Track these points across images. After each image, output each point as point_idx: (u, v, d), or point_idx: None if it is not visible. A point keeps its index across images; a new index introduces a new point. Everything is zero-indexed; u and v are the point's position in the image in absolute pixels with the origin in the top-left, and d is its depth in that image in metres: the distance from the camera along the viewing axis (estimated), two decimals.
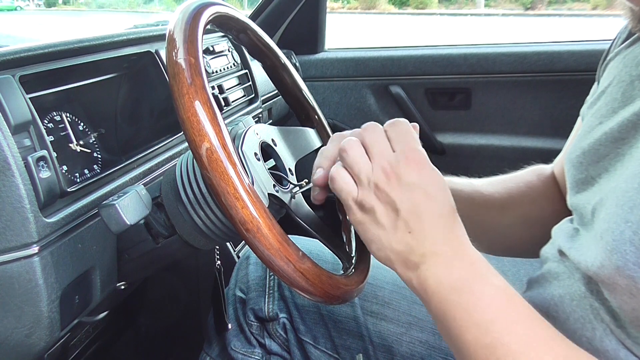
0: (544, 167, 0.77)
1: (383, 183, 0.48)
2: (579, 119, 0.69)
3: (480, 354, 0.44)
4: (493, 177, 0.75)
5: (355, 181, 0.50)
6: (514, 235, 0.74)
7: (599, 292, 0.49)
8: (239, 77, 1.16)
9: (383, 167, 0.48)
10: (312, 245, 0.76)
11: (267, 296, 0.78)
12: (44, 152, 0.59)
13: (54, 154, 0.61)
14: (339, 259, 0.62)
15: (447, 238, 0.47)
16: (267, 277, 0.79)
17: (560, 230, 0.59)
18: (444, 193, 0.48)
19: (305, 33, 1.69)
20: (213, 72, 1.05)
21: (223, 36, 1.16)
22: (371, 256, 0.66)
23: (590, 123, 0.58)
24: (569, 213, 0.67)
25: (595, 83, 0.66)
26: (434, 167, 0.49)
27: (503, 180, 0.75)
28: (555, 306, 0.53)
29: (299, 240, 0.76)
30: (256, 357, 0.78)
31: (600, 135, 0.54)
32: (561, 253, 0.57)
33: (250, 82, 1.19)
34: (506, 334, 0.43)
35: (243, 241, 0.92)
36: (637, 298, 0.43)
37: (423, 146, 0.51)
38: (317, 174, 0.56)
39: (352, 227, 0.68)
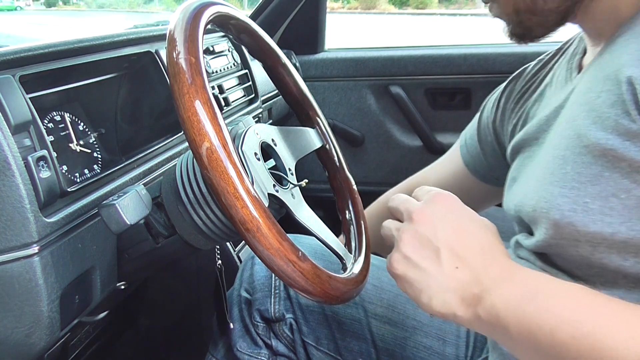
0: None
1: (413, 225, 0.49)
2: None
3: (582, 345, 0.41)
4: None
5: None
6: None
7: (555, 259, 0.53)
8: (239, 77, 1.16)
9: (410, 213, 0.50)
10: (312, 245, 0.76)
11: (273, 296, 0.78)
12: (44, 152, 0.59)
13: (54, 154, 0.61)
14: (339, 259, 0.61)
15: (498, 265, 0.47)
16: (273, 278, 0.79)
17: (508, 243, 0.63)
18: (481, 224, 0.50)
19: (305, 33, 1.69)
20: (213, 72, 1.05)
21: (223, 36, 1.16)
22: (371, 256, 0.66)
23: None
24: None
25: None
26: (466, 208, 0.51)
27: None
28: None
29: (299, 240, 0.76)
30: (262, 358, 0.77)
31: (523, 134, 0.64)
32: (518, 246, 0.60)
33: (250, 82, 1.19)
34: (597, 320, 0.41)
35: (243, 241, 0.92)
36: (582, 242, 0.47)
37: (423, 146, 0.52)
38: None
39: (352, 227, 0.68)
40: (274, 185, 0.57)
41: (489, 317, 0.44)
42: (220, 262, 0.84)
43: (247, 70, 1.19)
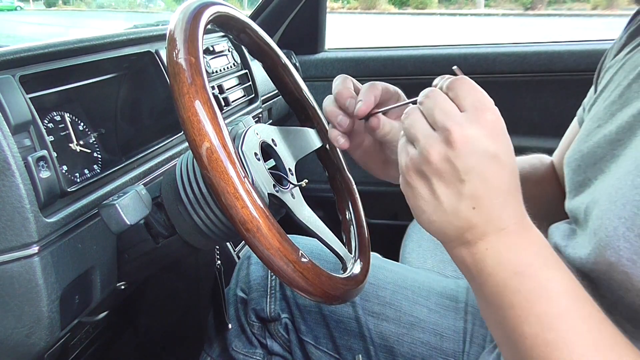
0: (544, 156, 0.78)
1: (449, 149, 0.40)
2: (575, 120, 0.71)
3: (538, 350, 0.39)
4: None
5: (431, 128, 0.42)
6: None
7: (594, 288, 0.48)
8: (239, 77, 1.16)
9: (450, 129, 0.40)
10: (312, 245, 0.76)
11: (268, 296, 0.78)
12: (44, 152, 0.59)
13: (54, 154, 0.61)
14: (339, 259, 0.62)
15: (514, 214, 0.41)
16: (269, 277, 0.79)
17: (557, 229, 0.59)
18: (515, 163, 0.42)
19: (305, 33, 1.69)
20: (213, 72, 1.05)
21: (223, 36, 1.16)
22: (371, 256, 0.66)
23: (589, 126, 0.58)
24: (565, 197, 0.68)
25: (593, 87, 0.68)
26: (507, 133, 0.42)
27: None
28: None
29: (299, 240, 0.76)
30: (257, 357, 0.78)
31: (599, 138, 0.54)
32: (556, 250, 0.57)
33: (250, 82, 1.19)
34: (573, 332, 0.39)
35: (243, 241, 0.92)
36: (632, 293, 0.43)
37: None
38: (358, 105, 0.53)
39: (352, 227, 0.68)
40: (274, 185, 0.57)
41: (473, 266, 0.42)
42: (219, 262, 0.84)
43: (247, 70, 1.19)
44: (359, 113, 0.55)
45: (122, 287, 0.72)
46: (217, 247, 0.85)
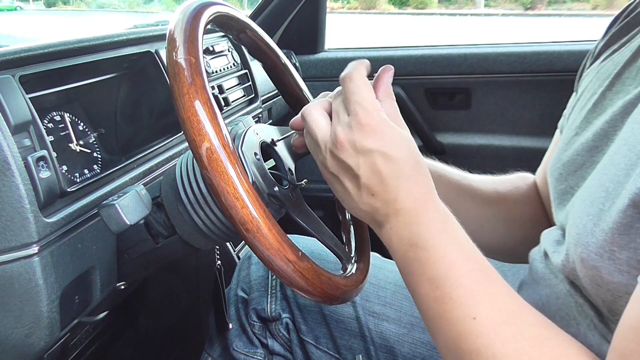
0: (529, 175, 0.80)
1: (338, 151, 0.48)
2: (557, 131, 0.72)
3: (431, 307, 0.46)
4: (483, 175, 0.77)
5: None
6: (493, 230, 0.76)
7: (582, 288, 0.50)
8: (239, 77, 1.16)
9: (337, 134, 0.48)
10: (312, 245, 0.76)
11: (269, 296, 0.78)
12: (44, 152, 0.59)
13: (54, 154, 0.61)
14: (339, 259, 0.61)
15: (409, 195, 0.48)
16: (269, 277, 0.79)
17: (548, 235, 0.61)
18: (405, 150, 0.48)
19: (305, 33, 1.69)
20: (213, 72, 1.05)
21: (223, 36, 1.16)
22: (371, 256, 0.66)
23: (568, 135, 0.60)
24: (548, 218, 0.69)
25: (574, 93, 0.69)
26: (390, 124, 0.48)
27: (492, 179, 0.77)
28: (542, 306, 0.54)
29: (299, 240, 0.76)
30: (258, 357, 0.77)
31: (577, 146, 0.57)
32: (546, 255, 0.59)
33: (250, 82, 1.19)
34: (454, 287, 0.44)
35: (243, 241, 0.92)
36: (603, 289, 0.44)
37: (423, 146, 0.50)
38: (294, 118, 0.57)
39: (352, 227, 0.68)
40: (274, 185, 0.57)
41: (386, 243, 0.49)
42: (219, 262, 0.84)
43: (247, 70, 1.19)
44: (292, 125, 0.59)
45: (122, 287, 0.72)
46: (217, 247, 0.85)
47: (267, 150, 0.62)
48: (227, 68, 1.11)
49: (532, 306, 0.50)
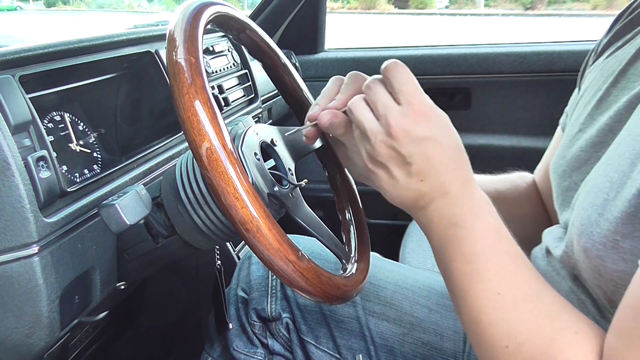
0: (527, 174, 0.80)
1: (392, 140, 0.48)
2: (558, 129, 0.72)
3: (460, 280, 0.49)
4: (483, 175, 0.77)
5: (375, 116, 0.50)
6: None
7: (584, 286, 0.51)
8: (239, 77, 1.16)
9: (390, 124, 0.48)
10: (312, 245, 0.76)
11: (269, 296, 0.78)
12: (44, 152, 0.59)
13: (54, 154, 0.61)
14: (339, 259, 0.61)
15: (455, 179, 0.50)
16: (270, 277, 0.79)
17: (550, 233, 0.62)
18: (452, 136, 0.50)
19: (305, 33, 1.69)
20: (213, 72, 1.05)
21: (223, 36, 1.16)
22: (371, 256, 0.66)
23: (571, 132, 0.61)
24: (548, 217, 0.69)
25: (576, 89, 0.69)
26: (439, 111, 0.50)
27: (491, 178, 0.77)
28: None
29: (299, 240, 0.76)
30: (258, 357, 0.77)
31: (582, 142, 0.57)
32: (548, 252, 0.60)
33: (250, 82, 1.19)
34: (483, 264, 0.47)
35: (243, 241, 0.92)
36: (605, 279, 0.46)
37: None
38: (314, 109, 0.57)
39: (352, 227, 0.68)
40: (274, 185, 0.57)
41: (425, 223, 0.52)
42: (219, 262, 0.84)
43: (247, 70, 1.19)
44: (310, 118, 0.58)
45: (122, 287, 0.72)
46: (217, 247, 0.85)
47: (267, 150, 0.62)
48: (227, 68, 1.11)
49: None
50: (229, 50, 1.15)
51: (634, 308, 0.39)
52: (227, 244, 1.12)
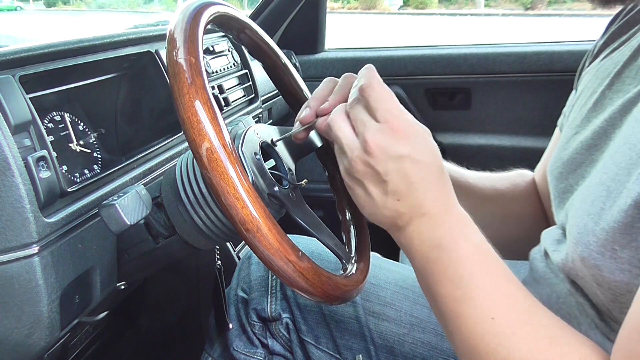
0: (527, 172, 0.80)
1: (368, 157, 0.48)
2: (557, 129, 0.72)
3: (450, 306, 0.47)
4: (481, 172, 0.76)
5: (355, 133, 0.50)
6: (491, 228, 0.76)
7: (582, 289, 0.51)
8: (239, 77, 1.16)
9: (367, 140, 0.47)
10: (312, 245, 0.76)
11: (269, 296, 0.78)
12: (44, 152, 0.59)
13: (54, 154, 0.61)
14: (339, 259, 0.61)
15: (435, 200, 0.48)
16: (270, 277, 0.79)
17: (548, 234, 0.61)
18: (431, 155, 0.49)
19: (305, 33, 1.69)
20: (213, 72, 1.05)
21: (223, 36, 1.16)
22: (371, 256, 0.66)
23: (568, 134, 0.61)
24: (546, 216, 0.69)
25: (573, 91, 0.69)
26: (419, 128, 0.49)
27: (489, 176, 0.77)
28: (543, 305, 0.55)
29: (299, 240, 0.76)
30: (258, 357, 0.77)
31: (577, 145, 0.57)
32: (546, 255, 0.59)
33: (250, 82, 1.19)
34: (474, 288, 0.46)
35: (243, 241, 0.92)
36: (603, 287, 0.45)
37: None
38: (304, 112, 0.57)
39: (352, 227, 0.68)
40: (274, 185, 0.57)
41: (405, 245, 0.50)
42: (219, 262, 0.84)
43: (247, 70, 1.19)
44: (301, 121, 0.58)
45: (122, 287, 0.72)
46: (217, 247, 0.85)
47: (267, 150, 0.62)
48: (227, 68, 1.11)
49: None
50: (229, 50, 1.15)
51: (639, 330, 0.38)
52: (227, 244, 1.12)
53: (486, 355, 0.44)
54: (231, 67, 1.13)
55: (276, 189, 0.57)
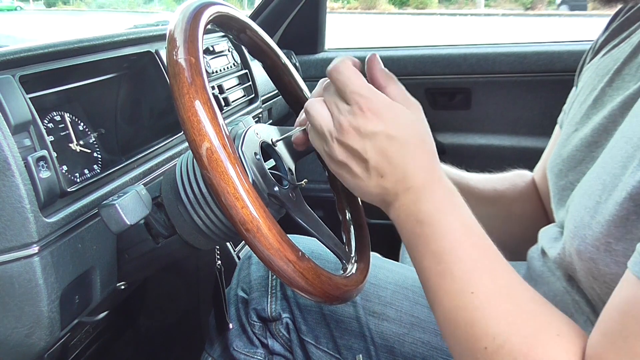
0: (526, 172, 0.80)
1: (344, 138, 0.49)
2: (557, 127, 0.72)
3: (432, 280, 0.48)
4: (481, 174, 0.76)
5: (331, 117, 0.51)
6: (492, 229, 0.76)
7: (579, 287, 0.51)
8: (239, 77, 1.16)
9: (341, 122, 0.49)
10: (312, 245, 0.76)
11: (269, 296, 0.78)
12: (44, 152, 0.59)
13: (54, 154, 0.61)
14: (339, 259, 0.61)
15: (417, 174, 0.49)
16: (270, 277, 0.79)
17: (545, 233, 0.62)
18: (408, 129, 0.49)
19: (305, 33, 1.69)
20: (213, 72, 1.05)
21: (223, 36, 1.16)
22: (371, 256, 0.66)
23: (568, 131, 0.61)
24: (547, 215, 0.69)
25: (574, 88, 0.69)
26: (392, 105, 0.49)
27: (489, 178, 0.77)
28: None
29: (299, 240, 0.76)
30: (258, 357, 0.77)
31: (577, 142, 0.57)
32: (543, 253, 0.60)
33: (250, 82, 1.19)
34: (455, 262, 0.46)
35: (243, 241, 0.92)
36: (599, 280, 0.45)
37: None
38: (303, 115, 0.58)
39: (352, 227, 0.68)
40: (274, 185, 0.57)
41: (394, 220, 0.51)
42: (219, 262, 0.84)
43: (247, 70, 1.19)
44: (300, 123, 0.60)
45: (122, 287, 0.72)
46: (217, 247, 0.85)
47: (267, 150, 0.62)
48: (227, 68, 1.11)
49: None
50: (229, 50, 1.15)
51: (620, 310, 0.39)
52: (227, 244, 1.12)
53: (465, 327, 0.45)
54: (231, 67, 1.13)
55: (276, 189, 0.57)
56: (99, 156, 0.81)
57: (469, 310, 0.45)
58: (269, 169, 0.58)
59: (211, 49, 1.08)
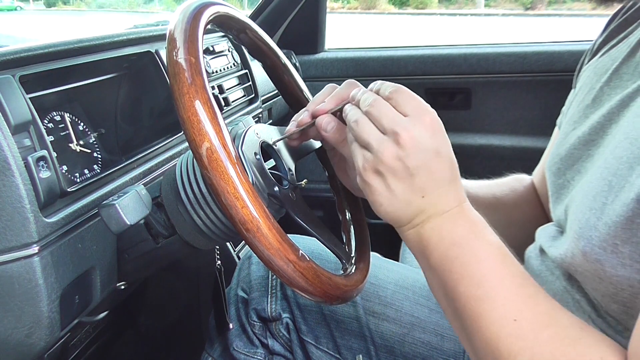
0: (525, 176, 0.80)
1: (400, 150, 0.47)
2: (556, 129, 0.72)
3: (469, 305, 0.46)
4: (480, 180, 0.76)
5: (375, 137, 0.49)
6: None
7: (579, 286, 0.51)
8: (239, 77, 1.16)
9: (398, 133, 0.47)
10: (312, 245, 0.76)
11: (269, 296, 0.78)
12: (44, 152, 0.59)
13: (54, 154, 0.61)
14: (339, 258, 0.61)
15: (455, 197, 0.49)
16: (270, 277, 0.79)
17: (543, 232, 0.62)
18: (451, 151, 0.49)
19: (305, 33, 1.69)
20: (213, 72, 1.05)
21: (223, 36, 1.16)
22: (371, 256, 0.66)
23: (565, 130, 0.61)
24: (547, 218, 0.70)
25: (572, 89, 0.70)
26: (442, 124, 0.49)
27: (489, 185, 0.77)
28: None
29: (299, 240, 0.76)
30: (259, 357, 0.77)
31: (574, 140, 0.57)
32: (542, 252, 0.60)
33: (250, 82, 1.19)
34: (494, 288, 0.45)
35: (243, 241, 0.92)
36: (605, 282, 0.45)
37: None
38: (302, 114, 0.57)
39: (352, 227, 0.68)
40: (274, 185, 0.57)
41: (420, 242, 0.50)
42: (219, 262, 0.84)
43: (247, 70, 1.19)
44: (299, 123, 0.59)
45: (122, 287, 0.72)
46: (217, 247, 0.85)
47: (267, 150, 0.62)
48: (227, 68, 1.11)
49: None
50: (229, 50, 1.15)
51: None
52: (227, 244, 1.12)
53: (508, 357, 0.43)
54: (231, 67, 1.13)
55: (276, 189, 0.57)
56: (99, 156, 0.81)
57: (512, 338, 0.43)
58: (269, 169, 0.58)
59: (211, 49, 1.08)
